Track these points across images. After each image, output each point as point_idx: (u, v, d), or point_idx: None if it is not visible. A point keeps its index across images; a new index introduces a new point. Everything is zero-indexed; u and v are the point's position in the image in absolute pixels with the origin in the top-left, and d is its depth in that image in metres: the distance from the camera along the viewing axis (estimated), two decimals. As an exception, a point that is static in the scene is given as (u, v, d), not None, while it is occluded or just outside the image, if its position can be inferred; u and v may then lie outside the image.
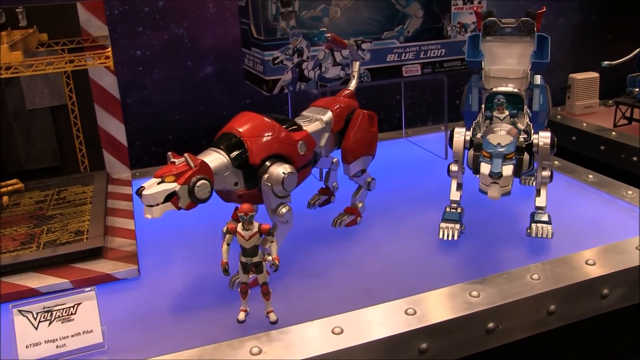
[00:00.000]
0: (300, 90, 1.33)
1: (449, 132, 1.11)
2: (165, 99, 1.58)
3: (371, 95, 1.73)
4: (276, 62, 1.28)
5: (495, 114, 1.05)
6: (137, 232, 1.14)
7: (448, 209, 1.10)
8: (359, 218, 1.16)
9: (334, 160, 1.18)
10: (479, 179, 0.94)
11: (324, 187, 1.23)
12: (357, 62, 1.19)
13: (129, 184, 1.36)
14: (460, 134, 1.07)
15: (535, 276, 0.95)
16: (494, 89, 1.10)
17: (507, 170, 0.93)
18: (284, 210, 0.97)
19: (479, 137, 1.02)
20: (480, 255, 1.04)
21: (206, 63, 1.58)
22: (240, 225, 0.86)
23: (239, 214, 0.84)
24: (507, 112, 1.04)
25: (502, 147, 0.94)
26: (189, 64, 1.56)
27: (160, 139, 1.59)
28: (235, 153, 0.95)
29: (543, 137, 1.03)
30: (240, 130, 0.97)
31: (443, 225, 1.08)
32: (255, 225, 0.86)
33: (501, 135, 0.98)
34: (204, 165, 0.90)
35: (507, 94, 1.08)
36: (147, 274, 1.03)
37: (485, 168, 0.93)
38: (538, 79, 1.12)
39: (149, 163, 1.59)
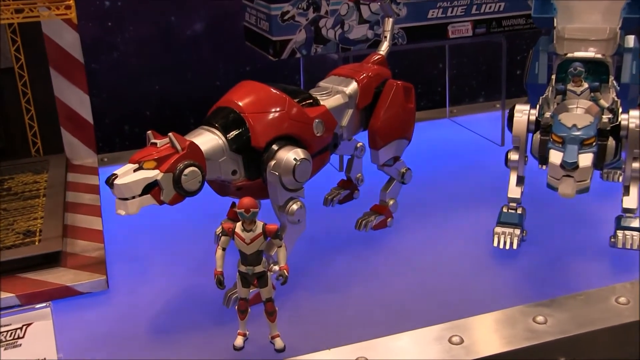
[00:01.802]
0: (316, 55, 1.34)
1: (507, 111, 1.11)
2: (142, 64, 1.59)
3: (407, 63, 1.73)
4: (286, 17, 1.29)
5: (570, 86, 1.05)
6: (106, 233, 1.15)
7: (505, 210, 1.10)
8: (389, 219, 1.17)
9: (359, 144, 1.18)
10: (546, 171, 0.94)
11: (346, 178, 1.24)
12: (390, 20, 1.19)
13: (95, 171, 1.38)
14: (523, 113, 1.07)
15: (622, 299, 0.94)
16: (570, 55, 1.09)
17: (585, 159, 0.92)
18: (295, 207, 0.98)
19: (548, 116, 1.02)
20: (548, 270, 1.04)
21: (195, 18, 1.58)
22: (239, 225, 0.86)
23: (238, 211, 0.85)
24: (586, 85, 1.04)
25: (578, 129, 0.94)
26: (173, 19, 1.57)
27: (136, 114, 1.61)
28: (233, 133, 0.96)
29: (634, 118, 1.03)
30: (241, 104, 0.97)
31: (498, 230, 1.09)
32: (259, 225, 0.86)
33: (577, 114, 0.98)
34: (194, 148, 0.90)
35: (586, 61, 1.08)
36: (118, 287, 1.05)
37: (555, 157, 0.93)
38: (631, 40, 1.12)
39: (121, 146, 1.61)
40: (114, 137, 1.60)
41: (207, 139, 0.94)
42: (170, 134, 0.89)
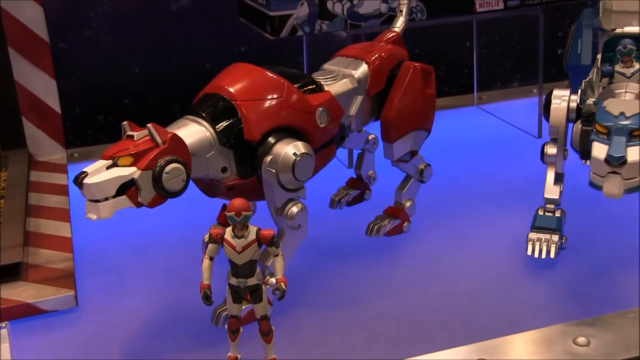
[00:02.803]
0: (321, 33, 1.33)
1: (544, 98, 1.11)
2: (119, 43, 1.59)
3: (428, 41, 1.73)
4: None
5: (618, 68, 1.05)
6: (75, 241, 1.15)
7: (541, 212, 1.10)
8: (406, 224, 1.17)
9: (371, 137, 1.18)
10: (589, 167, 0.94)
11: (355, 176, 1.24)
12: None
13: (62, 169, 1.38)
14: (562, 99, 1.07)
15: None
16: (618, 30, 1.09)
17: (634, 153, 0.92)
18: (294, 209, 0.98)
19: (591, 103, 1.01)
20: (591, 283, 1.04)
21: (180, -11, 1.60)
22: (229, 231, 0.86)
23: (227, 215, 0.84)
24: (637, 66, 1.04)
25: (626, 118, 0.93)
26: (155, -10, 1.59)
27: (112, 102, 1.61)
28: (223, 124, 0.96)
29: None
30: (232, 90, 0.97)
31: (533, 235, 1.09)
32: (252, 231, 0.86)
33: (626, 100, 0.97)
34: (177, 141, 0.91)
35: (638, 38, 1.07)
36: (88, 304, 1.04)
37: (599, 150, 0.93)
38: None
39: (94, 139, 1.61)
40: (86, 129, 1.60)
41: (193, 131, 0.94)
42: (149, 125, 0.89)
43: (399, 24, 1.19)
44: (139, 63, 1.61)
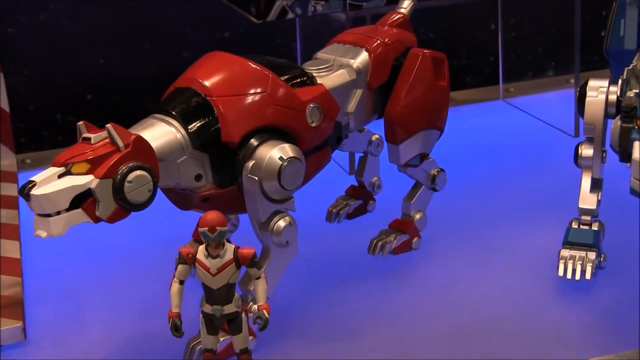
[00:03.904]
0: (315, 15, 1.34)
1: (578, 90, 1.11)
2: (81, 29, 1.59)
3: (444, 23, 1.73)
4: None
5: None
6: (25, 264, 1.15)
7: (575, 225, 1.10)
8: (415, 239, 1.17)
9: (374, 137, 1.18)
10: (630, 171, 0.94)
11: (357, 184, 1.24)
12: None
13: (12, 177, 1.38)
14: (599, 91, 1.07)
15: None
16: None
17: None
18: (281, 224, 0.98)
19: (632, 95, 1.01)
20: (634, 310, 1.03)
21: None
22: (202, 250, 0.86)
23: (200, 230, 0.85)
24: (688, 53, 1.04)
25: None
26: (122, -35, 1.59)
27: (73, 99, 1.61)
28: (197, 124, 0.96)
29: None
30: (207, 84, 0.97)
31: (565, 253, 1.09)
32: (229, 249, 0.86)
33: None
34: (141, 144, 0.91)
35: None
36: (39, 337, 1.04)
37: None
38: None
39: (50, 142, 1.61)
40: (41, 130, 1.61)
41: (161, 132, 0.95)
42: (108, 125, 0.89)
43: (406, 4, 1.19)
44: (103, 52, 1.61)
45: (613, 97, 1.07)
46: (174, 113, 0.96)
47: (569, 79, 1.70)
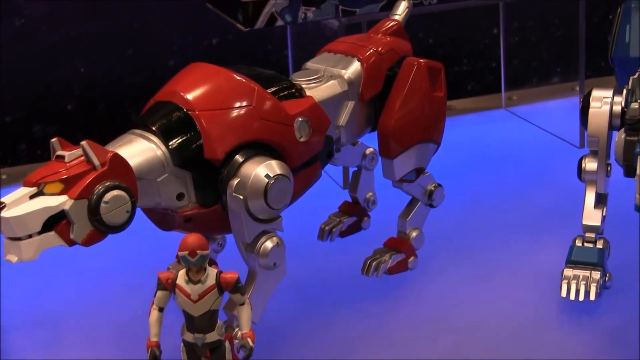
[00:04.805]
0: (306, 22, 1.33)
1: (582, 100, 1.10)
2: (60, 35, 1.58)
3: (444, 27, 1.73)
4: None
5: None
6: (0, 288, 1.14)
7: (579, 243, 1.09)
8: (412, 259, 1.16)
9: (368, 151, 1.18)
10: (635, 186, 0.94)
11: (351, 200, 1.23)
12: None
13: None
14: (603, 102, 1.06)
15: None
16: None
17: None
18: (268, 245, 0.97)
19: (637, 106, 1.01)
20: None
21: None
22: (182, 274, 0.86)
23: (180, 254, 0.84)
24: (698, 61, 1.04)
25: None
26: (104, -30, 1.58)
27: (52, 110, 1.60)
28: (178, 140, 0.95)
29: None
30: (189, 97, 0.96)
31: (569, 272, 1.08)
32: (211, 274, 0.85)
33: None
34: (119, 162, 0.89)
35: None
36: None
37: None
38: None
39: (29, 156, 1.60)
40: (18, 143, 1.60)
41: (140, 149, 0.93)
42: (83, 142, 0.88)
43: (401, 10, 1.18)
44: (85, 60, 1.60)
45: (618, 108, 1.06)
46: (153, 128, 0.95)
47: (574, 86, 1.69)
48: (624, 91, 1.06)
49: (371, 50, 1.10)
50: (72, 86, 1.60)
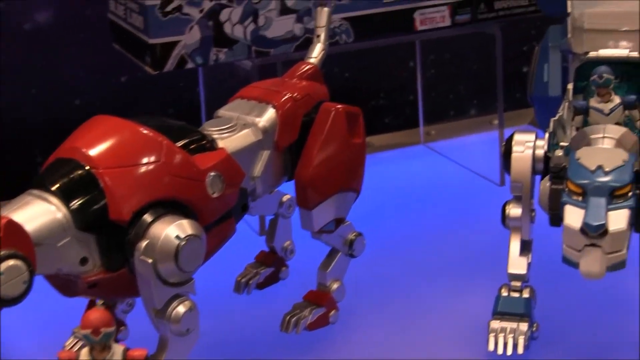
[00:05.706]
0: (217, 64, 1.33)
1: (504, 144, 1.09)
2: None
3: (360, 61, 1.73)
4: (169, 8, 1.28)
5: (593, 102, 1.04)
6: None
7: (505, 292, 1.09)
8: (333, 312, 1.15)
9: (285, 198, 1.17)
10: (561, 235, 0.94)
11: (268, 249, 1.22)
12: (325, 9, 1.18)
13: None
14: (526, 146, 1.05)
15: None
16: (592, 54, 1.09)
17: (618, 220, 0.92)
18: (180, 310, 0.94)
19: (561, 154, 1.01)
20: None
21: (36, 1, 1.58)
22: (85, 352, 0.83)
23: (82, 333, 0.81)
24: (617, 100, 1.04)
25: (605, 173, 0.94)
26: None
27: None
28: (80, 201, 0.92)
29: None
30: (91, 154, 0.94)
31: (495, 324, 1.07)
32: (118, 351, 0.83)
33: (604, 149, 0.97)
34: (13, 228, 0.86)
35: (618, 63, 1.08)
36: None
37: (573, 217, 0.93)
38: None
39: None
40: None
41: (38, 212, 0.91)
42: (-33, 205, 0.86)
43: (316, 53, 1.18)
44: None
45: (540, 152, 1.05)
46: (53, 189, 0.92)
47: (492, 120, 1.72)
48: (546, 135, 1.06)
49: (286, 96, 1.10)
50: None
